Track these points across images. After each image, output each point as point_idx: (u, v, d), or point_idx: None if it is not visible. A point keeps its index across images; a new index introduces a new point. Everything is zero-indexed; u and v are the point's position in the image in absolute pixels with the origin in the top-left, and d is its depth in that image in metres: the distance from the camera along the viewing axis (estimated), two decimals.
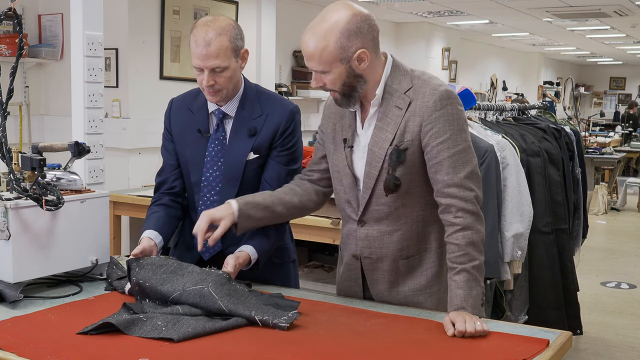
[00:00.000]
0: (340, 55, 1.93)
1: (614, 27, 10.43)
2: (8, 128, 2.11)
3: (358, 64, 1.96)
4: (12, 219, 2.01)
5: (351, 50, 1.93)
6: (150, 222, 2.28)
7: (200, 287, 1.90)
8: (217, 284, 1.91)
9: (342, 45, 1.92)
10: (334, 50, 1.92)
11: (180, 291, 1.91)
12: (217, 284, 1.91)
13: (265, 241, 2.21)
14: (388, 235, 2.09)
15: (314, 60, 1.96)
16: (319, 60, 1.94)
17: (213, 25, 2.15)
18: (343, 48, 1.92)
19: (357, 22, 1.93)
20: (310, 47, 1.94)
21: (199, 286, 1.91)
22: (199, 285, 1.91)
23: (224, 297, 1.88)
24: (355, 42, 1.93)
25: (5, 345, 1.67)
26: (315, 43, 1.93)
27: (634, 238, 8.13)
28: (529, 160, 3.54)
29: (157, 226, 2.25)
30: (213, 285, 1.90)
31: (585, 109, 19.79)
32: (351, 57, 1.94)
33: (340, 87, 1.99)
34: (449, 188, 1.97)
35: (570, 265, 3.81)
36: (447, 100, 1.99)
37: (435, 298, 2.12)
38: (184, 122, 2.34)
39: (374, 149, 2.04)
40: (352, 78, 1.97)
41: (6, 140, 2.06)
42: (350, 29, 1.92)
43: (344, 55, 1.93)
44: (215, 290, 1.89)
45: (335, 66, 1.95)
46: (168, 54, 5.49)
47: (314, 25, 1.95)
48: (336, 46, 1.92)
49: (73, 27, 3.12)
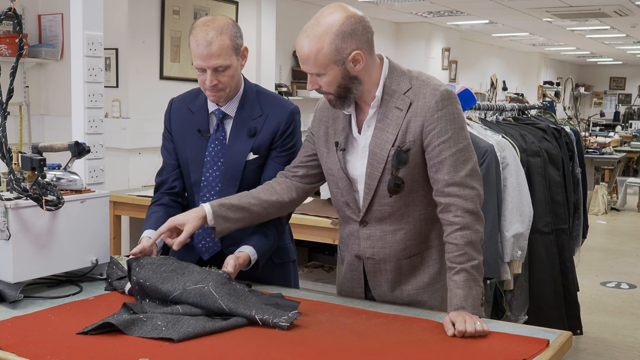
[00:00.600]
0: (335, 58, 1.93)
1: (614, 27, 10.43)
2: (8, 128, 2.11)
3: (353, 66, 1.96)
4: (12, 219, 2.01)
5: (346, 52, 1.93)
6: (151, 221, 2.28)
7: (200, 287, 1.90)
8: (218, 283, 1.92)
9: (337, 48, 1.92)
10: (329, 53, 1.92)
11: (181, 290, 1.91)
12: (217, 284, 1.91)
13: (264, 241, 2.21)
14: (391, 234, 2.09)
15: (309, 63, 1.96)
16: (314, 63, 1.94)
17: (212, 24, 2.15)
18: (338, 50, 1.92)
19: (352, 24, 1.93)
20: (305, 50, 1.94)
21: (199, 285, 1.91)
22: (199, 285, 1.91)
23: (224, 297, 1.88)
24: (350, 44, 1.93)
25: (5, 345, 1.67)
26: (310, 46, 1.93)
27: (634, 238, 8.13)
28: (529, 160, 3.54)
29: (157, 226, 2.25)
30: (213, 285, 1.90)
31: (585, 109, 19.79)
32: (346, 59, 1.94)
33: (335, 90, 1.99)
34: (450, 187, 1.97)
35: (570, 265, 3.81)
36: (448, 100, 2.00)
37: (438, 295, 2.12)
38: (184, 122, 2.34)
39: (375, 150, 2.03)
40: (347, 80, 1.97)
41: (6, 140, 2.06)
42: (345, 30, 1.92)
43: (338, 57, 1.93)
44: (215, 289, 1.89)
45: (330, 68, 1.95)
46: (168, 54, 5.49)
47: (308, 28, 1.95)
48: (331, 48, 1.92)
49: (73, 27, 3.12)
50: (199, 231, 2.31)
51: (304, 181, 2.23)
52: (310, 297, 2.16)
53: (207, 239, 2.31)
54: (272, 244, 2.24)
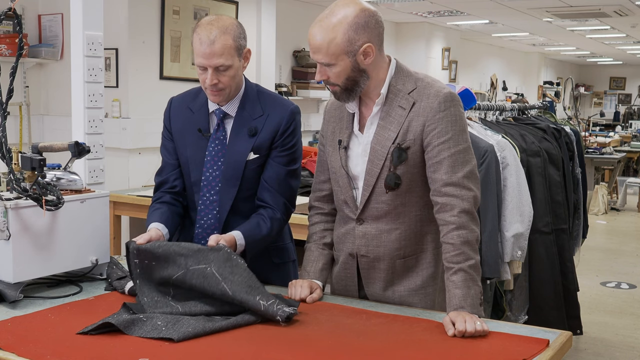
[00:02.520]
0: (347, 49, 1.95)
1: (614, 27, 10.43)
2: (8, 128, 2.12)
3: (363, 59, 1.98)
4: (12, 219, 2.01)
5: (358, 43, 1.96)
6: (155, 216, 2.26)
7: (203, 267, 1.90)
8: (220, 261, 1.92)
9: (350, 38, 1.94)
10: (342, 43, 1.94)
11: (184, 270, 1.91)
12: (219, 262, 1.91)
13: (255, 230, 2.20)
14: (386, 233, 2.10)
15: (320, 53, 1.97)
16: (326, 52, 1.96)
17: (217, 24, 2.15)
18: (350, 41, 1.95)
19: (365, 16, 1.96)
20: (318, 39, 1.96)
21: (202, 265, 1.91)
22: (201, 265, 1.91)
23: (227, 278, 1.88)
24: (362, 36, 1.95)
25: (5, 345, 1.67)
26: (323, 35, 1.95)
27: (634, 238, 8.13)
28: (529, 160, 3.54)
29: (162, 219, 2.24)
30: (216, 265, 1.91)
31: (585, 109, 19.78)
32: (357, 51, 1.96)
33: (343, 82, 2.01)
34: (447, 187, 1.98)
35: (570, 265, 3.81)
36: (451, 102, 2.01)
37: (430, 299, 2.13)
38: (184, 122, 2.34)
39: (377, 147, 2.05)
40: (356, 72, 2.00)
41: (6, 140, 2.06)
42: (359, 22, 1.95)
43: (350, 48, 1.95)
44: (218, 270, 1.89)
45: (341, 59, 1.97)
46: (168, 54, 5.49)
47: (322, 18, 1.97)
48: (344, 39, 1.94)
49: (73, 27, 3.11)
50: (199, 231, 2.32)
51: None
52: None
53: (207, 238, 2.31)
54: (264, 235, 2.22)
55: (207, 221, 2.30)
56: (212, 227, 2.30)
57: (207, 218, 2.30)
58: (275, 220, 2.26)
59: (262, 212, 2.26)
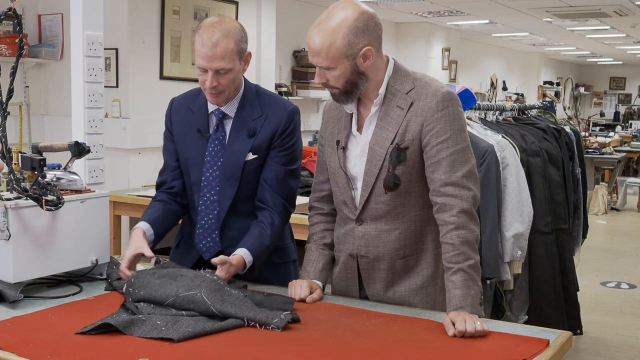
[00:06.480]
0: (346, 52, 1.95)
1: (614, 27, 10.43)
2: (8, 128, 2.11)
3: (363, 62, 1.98)
4: (12, 219, 2.01)
5: (357, 47, 1.95)
6: (145, 215, 2.31)
7: (193, 293, 1.89)
8: (211, 290, 1.90)
9: (349, 42, 1.94)
10: (341, 47, 1.94)
11: (174, 297, 1.90)
12: (210, 290, 1.90)
13: (259, 242, 2.21)
14: (386, 234, 2.09)
15: (320, 56, 1.97)
16: (326, 56, 1.95)
17: (220, 26, 2.15)
18: (350, 45, 1.94)
19: (365, 19, 1.95)
20: (317, 43, 1.95)
21: (192, 292, 1.90)
22: (192, 291, 1.90)
23: (216, 303, 1.87)
24: (362, 40, 1.95)
25: (5, 345, 1.67)
26: (323, 39, 1.94)
27: (634, 238, 8.13)
28: (529, 160, 3.54)
29: (151, 219, 2.28)
30: (206, 291, 1.89)
31: (585, 109, 19.78)
32: (357, 54, 1.96)
33: (342, 84, 2.00)
34: (446, 187, 1.98)
35: (570, 265, 3.81)
36: (449, 101, 2.01)
37: (431, 299, 2.12)
38: (184, 122, 2.34)
39: (375, 147, 2.05)
40: (355, 75, 1.99)
41: (6, 140, 2.06)
42: (358, 26, 1.94)
43: (350, 52, 1.95)
44: (208, 296, 1.88)
45: (340, 63, 1.96)
46: (168, 54, 5.48)
47: (321, 22, 1.96)
48: (343, 42, 1.94)
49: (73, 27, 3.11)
50: (200, 231, 2.32)
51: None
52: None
53: (208, 239, 2.32)
54: (268, 244, 2.24)
55: (207, 221, 2.30)
56: (213, 227, 2.30)
57: (208, 218, 2.30)
58: (274, 227, 2.26)
59: (261, 219, 2.26)
